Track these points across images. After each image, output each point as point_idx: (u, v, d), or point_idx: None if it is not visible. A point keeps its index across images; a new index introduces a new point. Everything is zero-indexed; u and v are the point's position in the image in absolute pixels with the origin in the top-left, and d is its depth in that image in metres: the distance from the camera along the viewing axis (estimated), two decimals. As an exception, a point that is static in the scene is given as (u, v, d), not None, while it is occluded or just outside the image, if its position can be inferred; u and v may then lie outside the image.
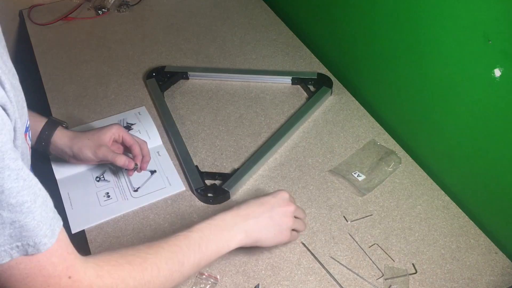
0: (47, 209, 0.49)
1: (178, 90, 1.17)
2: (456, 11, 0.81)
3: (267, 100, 1.14)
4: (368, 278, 0.80)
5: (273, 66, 1.23)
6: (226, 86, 1.18)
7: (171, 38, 1.34)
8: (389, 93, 1.09)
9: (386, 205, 0.91)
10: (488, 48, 0.77)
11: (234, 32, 1.36)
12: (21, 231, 0.45)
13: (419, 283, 0.79)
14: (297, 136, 1.05)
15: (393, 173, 0.97)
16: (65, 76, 1.21)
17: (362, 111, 1.11)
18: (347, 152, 1.01)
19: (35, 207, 0.46)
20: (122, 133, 0.90)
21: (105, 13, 1.42)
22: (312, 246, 0.85)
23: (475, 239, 0.86)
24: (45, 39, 1.33)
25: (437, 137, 0.97)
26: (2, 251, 0.45)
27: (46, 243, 0.48)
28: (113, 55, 1.28)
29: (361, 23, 1.10)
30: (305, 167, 0.98)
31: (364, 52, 1.13)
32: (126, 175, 0.95)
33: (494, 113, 0.80)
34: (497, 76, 0.76)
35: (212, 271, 0.80)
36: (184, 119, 1.09)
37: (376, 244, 0.85)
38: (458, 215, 0.90)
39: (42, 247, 0.48)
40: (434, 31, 0.88)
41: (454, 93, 0.88)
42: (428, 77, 0.93)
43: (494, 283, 0.80)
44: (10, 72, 0.51)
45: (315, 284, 0.79)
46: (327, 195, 0.93)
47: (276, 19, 1.40)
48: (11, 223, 0.45)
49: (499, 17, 0.73)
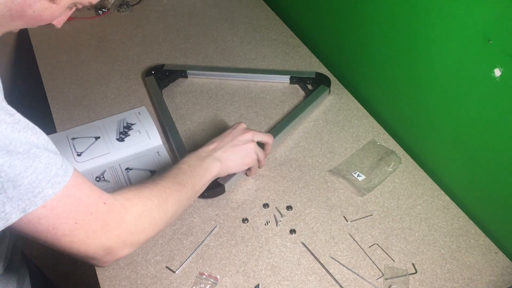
0: (52, 152, 0.53)
1: (177, 89, 1.18)
2: (456, 11, 0.81)
3: (267, 99, 1.14)
4: (368, 278, 0.80)
5: (273, 65, 1.23)
6: (225, 86, 1.18)
7: (171, 38, 1.34)
8: (389, 93, 1.09)
9: (386, 205, 0.91)
10: (488, 48, 0.77)
11: (234, 32, 1.36)
12: (36, 175, 0.50)
13: (419, 283, 0.79)
14: (297, 136, 1.05)
15: (393, 173, 0.97)
16: (65, 76, 1.21)
17: (362, 111, 1.11)
18: (347, 152, 1.01)
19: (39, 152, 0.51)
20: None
21: (105, 13, 1.42)
22: (312, 246, 0.85)
23: (475, 239, 0.86)
24: (45, 39, 1.33)
25: (437, 137, 0.97)
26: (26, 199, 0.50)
27: (60, 181, 0.53)
28: (113, 55, 1.28)
29: (361, 23, 1.10)
30: (305, 167, 0.98)
31: (364, 52, 1.13)
32: (126, 175, 0.96)
33: (494, 113, 0.80)
34: (497, 76, 0.76)
35: (212, 271, 0.81)
36: (185, 119, 1.09)
37: (376, 244, 0.85)
38: (458, 215, 0.90)
39: (58, 185, 0.53)
40: (434, 31, 0.88)
41: (454, 93, 0.88)
42: (428, 77, 0.93)
43: (494, 283, 0.80)
44: None
45: (315, 284, 0.79)
46: (327, 195, 0.93)
47: (276, 19, 1.40)
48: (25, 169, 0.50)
49: (499, 17, 0.73)
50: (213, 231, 0.87)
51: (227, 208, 0.90)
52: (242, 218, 0.89)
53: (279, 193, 0.93)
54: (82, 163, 0.96)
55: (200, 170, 0.79)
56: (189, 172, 0.76)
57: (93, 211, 0.57)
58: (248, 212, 0.90)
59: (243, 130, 0.88)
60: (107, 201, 0.59)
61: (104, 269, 0.80)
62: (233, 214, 0.89)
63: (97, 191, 0.59)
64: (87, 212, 0.57)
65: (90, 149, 0.99)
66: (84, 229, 0.57)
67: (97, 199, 0.58)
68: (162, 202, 0.67)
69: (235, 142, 0.86)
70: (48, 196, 0.52)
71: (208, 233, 0.86)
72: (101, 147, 1.00)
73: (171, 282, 0.79)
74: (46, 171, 0.52)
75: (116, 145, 1.00)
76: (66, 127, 1.07)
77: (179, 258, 0.82)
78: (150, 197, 0.66)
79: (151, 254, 0.83)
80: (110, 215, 0.59)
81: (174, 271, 0.80)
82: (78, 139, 1.01)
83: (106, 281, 0.79)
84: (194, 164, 0.79)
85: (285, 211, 0.90)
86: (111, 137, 1.02)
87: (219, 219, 0.89)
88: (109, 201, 0.60)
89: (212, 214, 0.89)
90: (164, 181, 0.71)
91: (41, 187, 0.51)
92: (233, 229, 0.87)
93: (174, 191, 0.71)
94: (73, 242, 0.56)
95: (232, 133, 0.87)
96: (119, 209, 0.61)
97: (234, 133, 0.87)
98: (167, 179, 0.72)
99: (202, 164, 0.80)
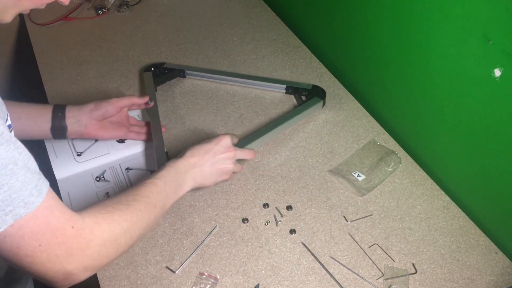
0: (30, 171, 0.52)
1: (175, 88, 1.17)
2: (456, 11, 0.81)
3: (261, 105, 1.14)
4: (368, 278, 0.80)
5: (272, 65, 1.23)
6: (222, 88, 1.18)
7: (171, 38, 1.34)
8: (389, 93, 1.09)
9: (386, 205, 0.91)
10: (488, 48, 0.77)
11: (234, 32, 1.36)
12: (10, 193, 0.50)
13: (419, 283, 0.79)
14: (297, 136, 1.05)
15: (393, 173, 0.97)
16: (65, 76, 1.21)
17: (362, 111, 1.11)
18: (347, 152, 1.01)
19: (17, 169, 0.50)
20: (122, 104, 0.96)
21: (105, 13, 1.42)
22: (312, 246, 0.85)
23: (475, 239, 0.86)
24: (45, 39, 1.33)
25: (437, 137, 0.97)
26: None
27: (33, 201, 0.52)
28: (113, 55, 1.28)
29: (362, 23, 1.10)
30: (305, 167, 0.98)
31: (364, 52, 1.13)
32: (126, 175, 0.95)
33: (494, 113, 0.80)
34: (497, 76, 0.76)
35: (212, 271, 0.81)
36: (184, 118, 1.09)
37: (376, 244, 0.85)
38: (458, 215, 0.90)
39: (31, 205, 0.52)
40: (434, 31, 0.88)
41: (454, 93, 0.88)
42: (428, 77, 0.93)
43: (494, 283, 0.80)
44: None
45: (315, 284, 0.79)
46: (327, 195, 0.93)
47: (276, 19, 1.40)
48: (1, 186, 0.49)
49: (499, 17, 0.73)
50: (213, 231, 0.87)
51: (227, 208, 0.90)
52: (242, 218, 0.89)
53: (279, 193, 0.93)
54: (82, 163, 0.96)
55: (174, 188, 0.77)
56: (163, 192, 0.74)
57: (59, 235, 0.56)
58: (248, 212, 0.90)
59: (226, 148, 0.84)
60: (75, 225, 0.58)
61: (104, 269, 0.80)
62: (233, 214, 0.89)
63: (66, 214, 0.57)
64: (53, 235, 0.55)
65: (90, 149, 0.99)
66: (47, 252, 0.55)
67: (65, 223, 0.57)
68: (130, 227, 0.66)
69: (215, 160, 0.83)
70: (19, 216, 0.51)
71: (208, 233, 0.86)
72: (101, 147, 1.00)
73: (171, 282, 0.79)
74: (21, 190, 0.51)
75: (116, 145, 1.00)
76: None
77: (179, 258, 0.82)
78: (120, 222, 0.64)
79: (151, 254, 0.83)
80: (75, 241, 0.58)
81: (174, 271, 0.80)
82: (78, 139, 1.01)
83: (106, 281, 0.79)
84: (170, 181, 0.77)
85: (285, 211, 0.90)
86: (111, 137, 1.02)
87: (219, 219, 0.89)
88: (77, 225, 0.58)
89: (212, 214, 0.89)
90: (137, 202, 0.69)
91: (13, 206, 0.50)
92: (233, 229, 0.87)
93: (145, 214, 0.69)
94: (34, 263, 0.55)
95: (214, 149, 0.83)
96: (86, 235, 0.59)
97: (216, 150, 0.83)
98: (140, 200, 0.70)
99: (177, 181, 0.78)
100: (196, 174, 0.81)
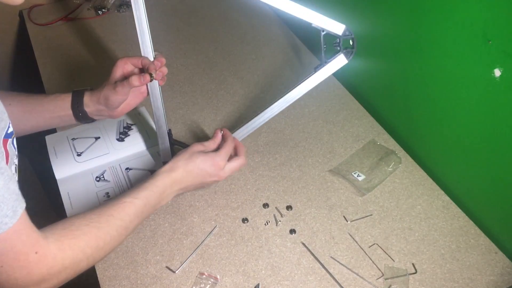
0: (9, 191, 0.52)
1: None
2: (456, 11, 0.81)
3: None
4: (368, 278, 0.80)
5: (272, 65, 1.23)
6: (223, 87, 1.18)
7: (171, 38, 1.34)
8: (389, 93, 1.09)
9: (386, 205, 0.91)
10: (488, 48, 0.77)
11: (234, 32, 1.36)
12: None
13: (419, 283, 0.79)
14: (297, 136, 1.05)
15: (393, 173, 0.97)
16: (65, 76, 1.21)
17: (362, 111, 1.11)
18: (347, 152, 1.01)
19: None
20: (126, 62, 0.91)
21: (105, 13, 1.42)
22: (312, 246, 0.85)
23: (475, 239, 0.86)
24: (45, 39, 1.33)
25: (437, 137, 0.97)
26: None
27: (7, 222, 0.52)
28: (113, 55, 1.28)
29: (362, 22, 1.10)
30: (305, 167, 0.98)
31: (363, 51, 1.13)
32: (126, 175, 0.95)
33: (494, 113, 0.80)
34: (497, 76, 0.76)
35: (212, 271, 0.81)
36: (184, 118, 1.09)
37: (376, 244, 0.85)
38: (458, 215, 0.90)
39: (4, 226, 0.52)
40: (434, 31, 0.88)
41: (454, 93, 0.88)
42: (428, 77, 0.93)
43: (494, 283, 0.80)
44: None
45: (315, 284, 0.79)
46: (327, 195, 0.93)
47: (276, 19, 1.40)
48: None
49: (499, 17, 0.73)
50: (213, 231, 0.87)
51: (227, 208, 0.90)
52: (242, 218, 0.89)
53: (279, 193, 0.93)
54: (82, 163, 0.96)
55: (152, 208, 0.76)
56: (141, 214, 0.73)
57: (21, 260, 0.56)
58: (248, 212, 0.90)
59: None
60: (39, 250, 0.58)
61: (104, 269, 0.80)
62: (233, 214, 0.89)
63: (33, 239, 0.57)
64: (15, 259, 0.55)
65: (90, 149, 0.99)
66: (8, 273, 0.55)
67: (30, 248, 0.56)
68: (94, 253, 0.65)
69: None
70: None
71: (208, 233, 0.86)
72: (101, 147, 1.00)
73: (171, 282, 0.79)
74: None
75: (116, 145, 1.00)
76: (66, 127, 1.06)
77: (179, 258, 0.82)
78: (84, 249, 0.64)
79: (151, 254, 0.83)
80: (37, 266, 0.58)
81: (174, 271, 0.80)
82: (78, 139, 1.01)
83: (106, 281, 0.79)
84: (150, 202, 0.74)
85: (285, 211, 0.90)
86: (111, 137, 1.02)
87: (219, 219, 0.89)
88: (42, 250, 0.58)
89: (212, 214, 0.89)
90: (109, 226, 0.68)
91: None
92: (233, 229, 0.87)
93: (114, 238, 0.68)
94: None
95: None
96: (47, 261, 0.59)
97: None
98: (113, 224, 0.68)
99: (160, 202, 0.77)
100: (180, 192, 0.80)
